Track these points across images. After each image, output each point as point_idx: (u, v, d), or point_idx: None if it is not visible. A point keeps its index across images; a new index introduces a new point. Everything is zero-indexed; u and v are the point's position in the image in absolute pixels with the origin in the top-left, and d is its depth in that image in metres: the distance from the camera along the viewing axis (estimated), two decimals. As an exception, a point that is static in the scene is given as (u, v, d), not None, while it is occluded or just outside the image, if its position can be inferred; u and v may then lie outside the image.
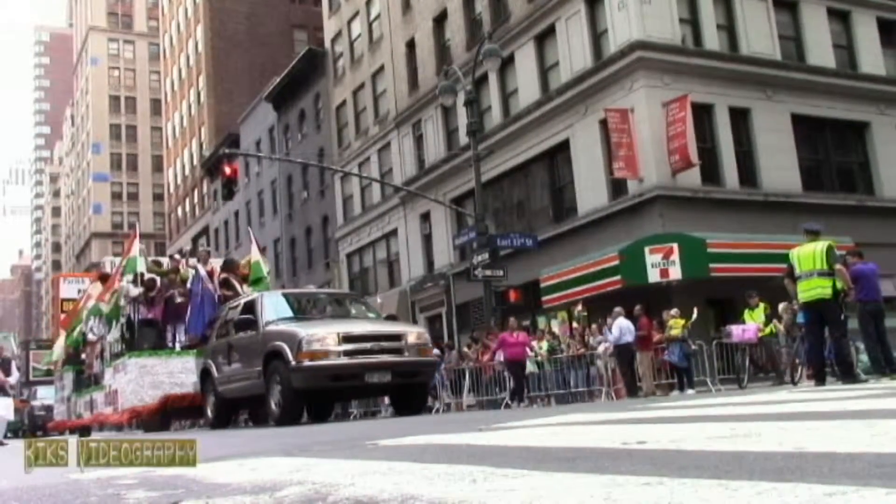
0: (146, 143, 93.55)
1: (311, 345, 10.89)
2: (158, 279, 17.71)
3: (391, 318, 16.02)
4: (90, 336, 20.75)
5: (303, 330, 11.24)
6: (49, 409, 29.44)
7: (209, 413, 14.04)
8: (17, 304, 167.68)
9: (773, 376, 16.70)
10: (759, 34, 25.53)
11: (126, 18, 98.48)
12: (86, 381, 21.46)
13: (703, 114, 23.76)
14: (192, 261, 18.44)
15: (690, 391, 16.74)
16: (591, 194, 25.06)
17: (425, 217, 34.05)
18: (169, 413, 16.73)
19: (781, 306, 16.69)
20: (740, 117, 24.62)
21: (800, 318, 14.57)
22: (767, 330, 16.63)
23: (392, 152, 36.51)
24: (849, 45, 27.74)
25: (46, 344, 46.20)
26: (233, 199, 36.52)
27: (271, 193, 50.36)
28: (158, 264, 19.14)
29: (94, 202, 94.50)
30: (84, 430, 20.91)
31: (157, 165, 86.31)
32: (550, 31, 27.40)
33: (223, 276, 17.31)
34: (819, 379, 11.39)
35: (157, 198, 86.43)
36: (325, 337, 11.04)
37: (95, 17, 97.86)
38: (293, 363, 10.85)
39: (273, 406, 11.44)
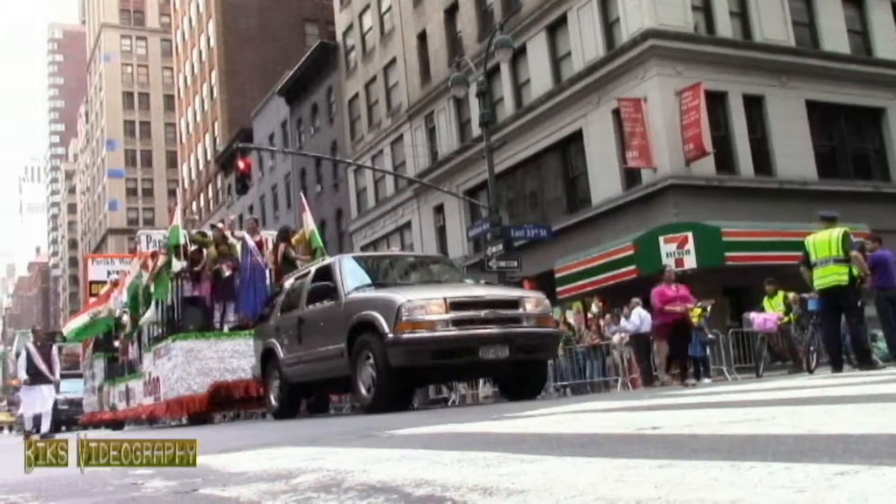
0: (160, 139, 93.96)
1: (412, 313, 8.83)
2: (205, 251, 15.71)
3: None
4: (123, 317, 18.76)
5: (401, 295, 9.15)
6: (74, 403, 28.07)
7: (272, 401, 12.03)
8: (35, 300, 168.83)
9: (791, 365, 16.62)
10: (773, 21, 25.36)
11: (138, 15, 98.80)
12: (119, 368, 19.74)
13: (716, 102, 23.63)
14: (239, 232, 16.67)
15: (707, 380, 16.68)
16: (604, 184, 24.99)
17: (439, 209, 34.05)
18: (221, 403, 15.04)
19: (791, 296, 16.61)
20: (754, 105, 24.47)
21: (811, 306, 14.48)
22: (786, 318, 16.55)
23: (405, 145, 36.51)
24: (863, 30, 27.52)
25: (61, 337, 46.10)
26: (247, 194, 36.55)
27: (285, 187, 50.47)
28: (203, 235, 16.93)
29: (110, 198, 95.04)
30: (117, 425, 20.02)
31: (172, 161, 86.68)
32: (562, 20, 27.31)
33: (282, 246, 15.31)
34: (836, 366, 11.34)
35: (172, 193, 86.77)
36: (428, 303, 8.97)
37: (108, 13, 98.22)
38: (390, 336, 8.82)
39: (363, 390, 9.42)
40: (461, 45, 32.31)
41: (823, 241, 10.94)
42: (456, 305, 9.05)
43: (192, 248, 15.66)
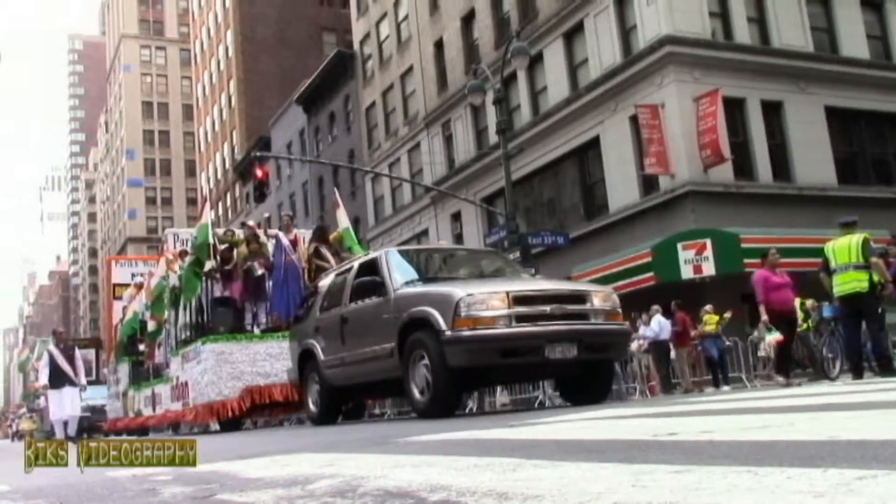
0: (179, 148, 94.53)
1: (471, 308, 8.09)
2: (235, 250, 15.03)
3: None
4: (149, 322, 18.06)
5: (459, 289, 8.43)
6: (96, 409, 27.39)
7: (311, 406, 11.29)
8: (55, 308, 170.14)
9: (811, 372, 16.50)
10: (791, 26, 25.25)
11: (157, 25, 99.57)
12: (144, 372, 19.14)
13: (734, 108, 23.55)
14: (272, 230, 15.89)
15: (726, 387, 16.60)
16: (622, 191, 24.93)
17: (456, 217, 34.07)
18: (253, 408, 14.25)
19: (809, 303, 16.50)
20: (773, 111, 24.36)
21: (825, 313, 14.36)
22: (805, 325, 16.44)
23: (422, 152, 36.58)
24: (882, 35, 27.36)
25: (86, 343, 46.28)
26: (264, 202, 36.80)
27: (303, 195, 50.65)
28: (231, 233, 16.39)
29: (129, 207, 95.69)
30: (142, 432, 19.46)
31: (191, 170, 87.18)
32: (579, 28, 27.30)
33: (313, 245, 14.57)
34: (856, 373, 11.25)
35: (191, 202, 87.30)
36: (490, 298, 8.24)
37: (127, 24, 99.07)
38: (448, 333, 8.06)
39: (415, 393, 8.70)
40: (478, 52, 32.36)
41: (843, 247, 10.87)
42: (519, 300, 8.31)
43: (222, 246, 15.06)
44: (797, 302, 16.52)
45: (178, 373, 15.54)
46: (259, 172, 22.93)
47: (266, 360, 13.77)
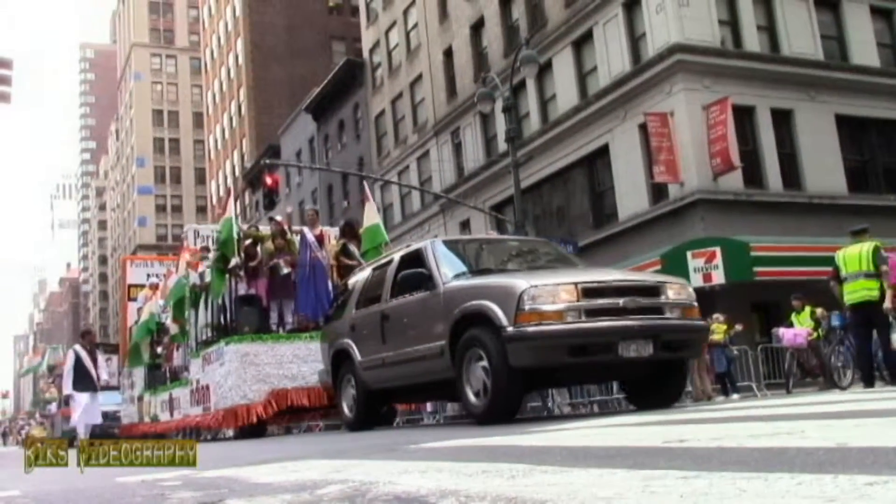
0: (189, 156, 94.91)
1: (536, 301, 7.20)
2: (259, 246, 14.32)
3: None
4: (171, 325, 17.12)
5: (523, 280, 7.53)
6: (109, 415, 27.40)
7: (346, 410, 10.41)
8: (65, 315, 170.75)
9: (821, 381, 16.41)
10: (801, 34, 25.21)
11: (168, 34, 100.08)
12: (160, 376, 18.48)
13: (744, 116, 23.51)
14: (297, 227, 15.31)
15: (735, 396, 16.52)
16: (631, 199, 24.90)
17: (465, 224, 34.07)
18: (280, 413, 13.47)
19: (819, 311, 16.43)
20: (782, 119, 24.31)
21: (834, 322, 14.30)
22: (815, 334, 16.37)
23: (431, 160, 36.63)
24: (893, 43, 27.30)
25: (111, 348, 46.21)
26: (274, 210, 36.82)
27: (312, 203, 50.73)
28: (256, 229, 15.67)
29: (139, 215, 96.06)
30: (157, 438, 18.91)
31: (200, 178, 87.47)
32: (588, 36, 27.32)
33: (342, 242, 13.84)
34: (867, 382, 11.19)
35: (201, 210, 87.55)
36: (557, 290, 7.34)
37: (138, 33, 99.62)
38: (510, 329, 7.21)
39: (471, 396, 7.84)
40: (487, 60, 32.42)
41: (853, 255, 10.83)
42: (589, 292, 7.40)
43: (247, 242, 14.32)
44: (807, 311, 16.51)
45: (198, 375, 14.75)
46: (269, 180, 23.00)
47: (293, 362, 13.03)
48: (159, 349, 18.74)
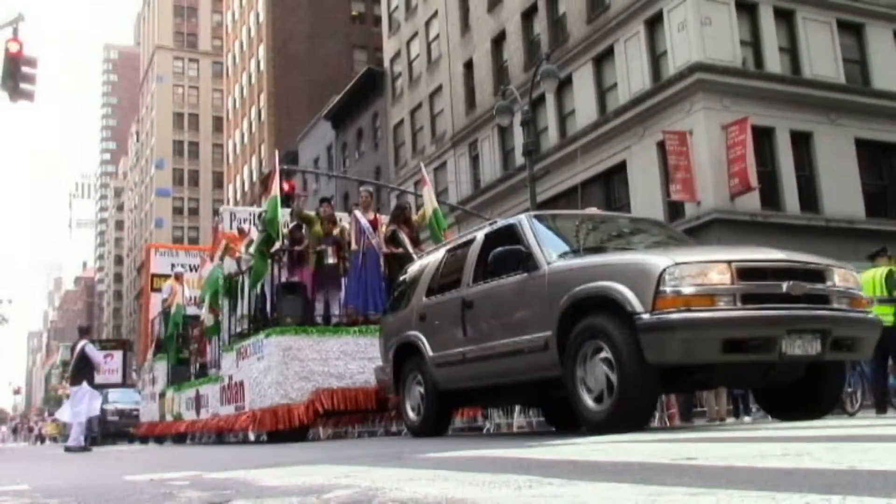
0: (207, 160, 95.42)
1: (682, 283, 5.72)
2: (305, 229, 13.06)
3: None
4: (207, 315, 15.79)
5: (663, 257, 6.01)
6: (125, 414, 26.70)
7: (409, 413, 9.01)
8: (79, 314, 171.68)
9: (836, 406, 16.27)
10: (823, 57, 25.16)
11: (191, 38, 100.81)
12: (185, 371, 17.50)
13: (763, 137, 23.45)
14: (343, 215, 14.04)
15: (747, 418, 16.41)
16: (647, 216, 24.81)
17: (480, 236, 34.05)
18: (324, 415, 11.96)
19: None
20: (802, 141, 24.24)
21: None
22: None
23: (448, 171, 36.70)
24: (916, 68, 27.16)
25: (114, 345, 46.39)
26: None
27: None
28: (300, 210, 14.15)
29: (156, 216, 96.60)
30: (178, 438, 18.47)
31: (218, 181, 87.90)
32: (609, 52, 27.35)
33: (391, 228, 12.62)
34: (880, 408, 11.11)
35: (217, 213, 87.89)
36: (706, 268, 5.84)
37: (162, 36, 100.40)
38: (646, 317, 5.73)
39: (587, 399, 6.27)
40: (507, 74, 32.48)
41: (867, 280, 10.78)
42: (745, 273, 5.87)
43: (292, 224, 13.23)
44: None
45: (230, 371, 13.45)
46: (286, 186, 23.04)
47: (339, 359, 11.69)
48: (191, 345, 17.83)
